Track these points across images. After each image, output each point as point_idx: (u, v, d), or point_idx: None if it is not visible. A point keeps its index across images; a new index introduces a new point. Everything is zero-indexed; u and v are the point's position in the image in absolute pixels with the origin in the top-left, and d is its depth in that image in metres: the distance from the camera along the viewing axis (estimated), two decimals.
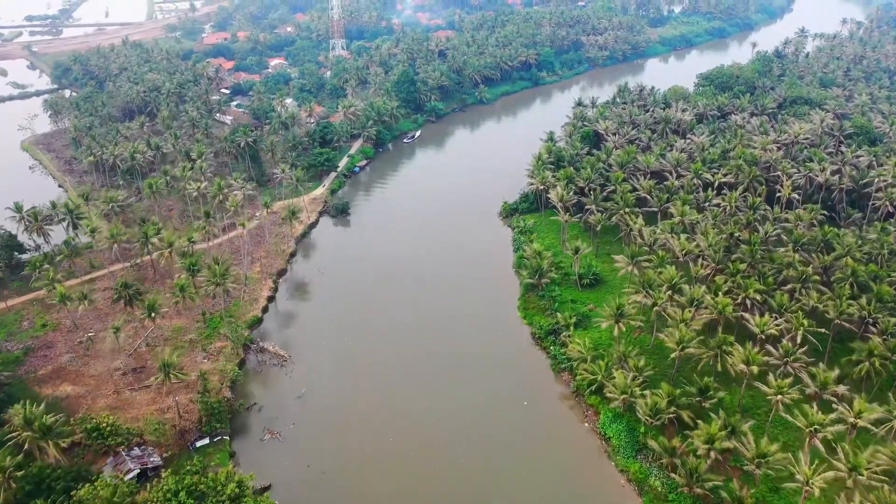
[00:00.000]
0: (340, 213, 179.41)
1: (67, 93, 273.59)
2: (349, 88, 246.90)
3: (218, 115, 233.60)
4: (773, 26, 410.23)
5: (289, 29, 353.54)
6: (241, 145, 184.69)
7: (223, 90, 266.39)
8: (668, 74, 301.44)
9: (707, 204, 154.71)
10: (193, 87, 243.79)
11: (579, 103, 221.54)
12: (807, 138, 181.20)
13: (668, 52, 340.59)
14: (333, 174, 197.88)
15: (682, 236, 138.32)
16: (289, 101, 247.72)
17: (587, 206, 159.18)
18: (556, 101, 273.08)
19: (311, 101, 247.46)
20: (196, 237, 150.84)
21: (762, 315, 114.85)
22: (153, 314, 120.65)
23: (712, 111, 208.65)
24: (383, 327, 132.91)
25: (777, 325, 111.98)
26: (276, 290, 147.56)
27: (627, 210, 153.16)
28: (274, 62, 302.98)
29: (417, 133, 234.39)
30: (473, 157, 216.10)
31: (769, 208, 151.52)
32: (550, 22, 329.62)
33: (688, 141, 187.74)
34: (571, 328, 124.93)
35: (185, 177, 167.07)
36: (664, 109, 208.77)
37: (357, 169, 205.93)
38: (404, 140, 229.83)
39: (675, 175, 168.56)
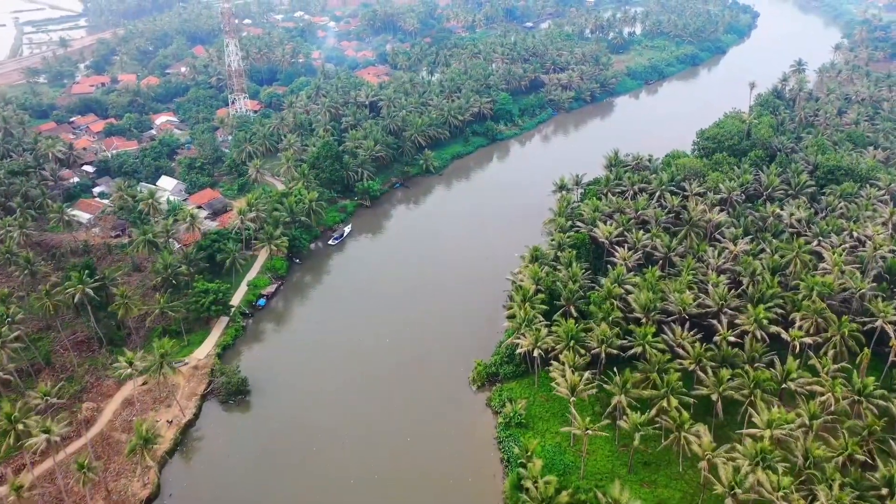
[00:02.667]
0: (235, 394, 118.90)
1: None
2: (252, 169, 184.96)
3: (72, 211, 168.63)
4: (742, 46, 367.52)
5: (183, 70, 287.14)
6: (76, 298, 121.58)
7: (85, 167, 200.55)
8: (645, 117, 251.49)
9: (791, 385, 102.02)
10: (36, 172, 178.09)
11: (561, 186, 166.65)
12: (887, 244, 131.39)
13: (639, 86, 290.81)
14: (226, 318, 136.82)
15: (783, 474, 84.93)
16: (169, 186, 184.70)
17: (612, 396, 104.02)
18: (522, 162, 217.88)
19: (205, 181, 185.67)
20: None
21: None
22: None
23: (737, 195, 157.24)
24: None
25: None
26: None
27: (676, 407, 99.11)
28: (160, 119, 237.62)
29: (347, 228, 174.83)
30: (423, 263, 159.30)
31: None
32: (503, 56, 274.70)
33: (722, 251, 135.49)
34: None
35: None
36: (678, 197, 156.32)
37: (262, 301, 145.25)
38: (329, 241, 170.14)
39: (724, 324, 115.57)
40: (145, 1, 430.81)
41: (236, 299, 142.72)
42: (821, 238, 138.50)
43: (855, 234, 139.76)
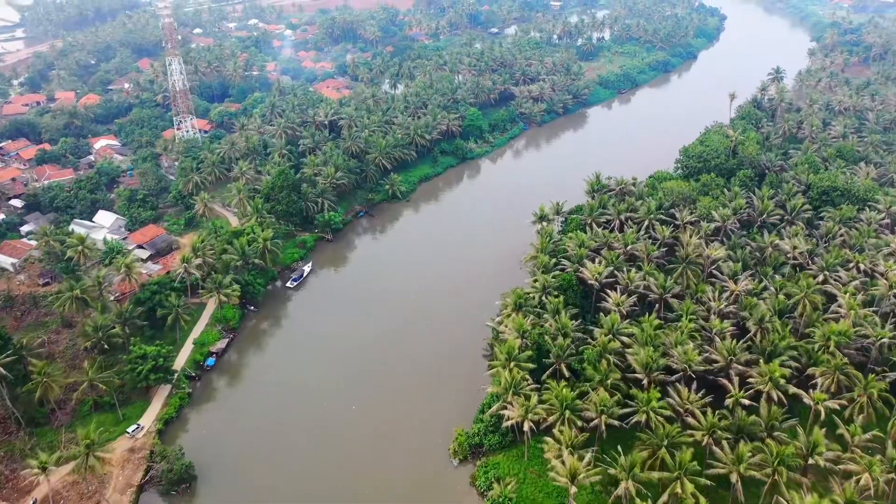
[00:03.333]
0: (178, 482, 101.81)
1: None
2: (200, 204, 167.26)
3: None
4: (713, 50, 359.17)
5: (126, 86, 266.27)
6: None
7: (13, 202, 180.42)
8: (621, 131, 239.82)
9: (820, 460, 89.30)
10: None
11: (541, 216, 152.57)
12: None
13: (612, 96, 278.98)
14: (169, 386, 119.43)
15: None
16: (107, 223, 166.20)
17: (617, 479, 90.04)
18: (495, 183, 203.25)
19: (147, 215, 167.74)
20: None
21: None
22: None
23: (732, 225, 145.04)
24: None
25: None
26: None
27: (693, 493, 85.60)
28: (99, 143, 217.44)
29: (307, 267, 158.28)
30: (392, 303, 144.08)
31: None
32: (470, 68, 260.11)
33: (722, 292, 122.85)
34: None
35: None
36: (668, 227, 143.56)
37: (211, 360, 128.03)
38: (288, 282, 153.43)
39: (735, 382, 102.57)
40: (88, 10, 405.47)
41: (181, 360, 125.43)
42: (827, 272, 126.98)
43: (862, 266, 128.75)
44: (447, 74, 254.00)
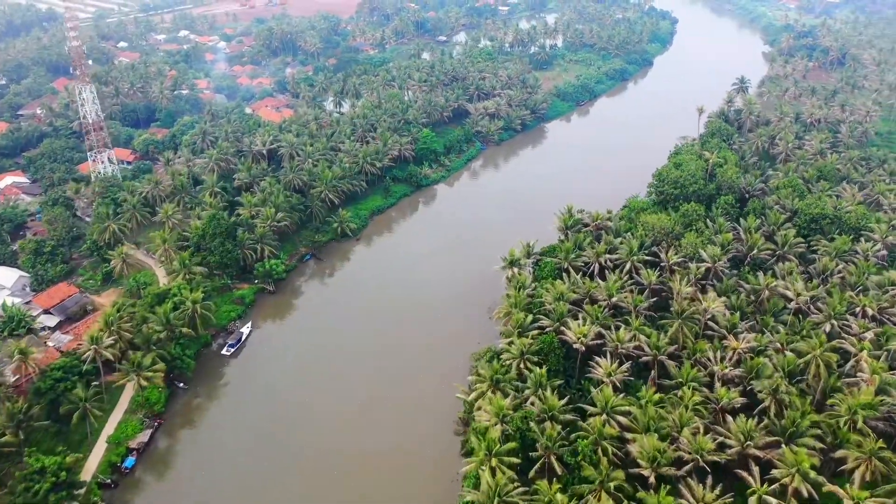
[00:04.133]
0: None
1: None
2: (117, 259, 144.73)
3: None
4: (667, 56, 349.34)
5: (38, 112, 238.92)
6: None
7: None
8: (584, 147, 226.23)
9: None
10: None
11: (511, 261, 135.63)
12: None
13: (570, 108, 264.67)
14: None
15: None
16: (8, 282, 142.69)
17: None
18: (453, 212, 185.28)
19: (57, 272, 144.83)
20: None
21: None
22: None
23: (723, 266, 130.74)
24: None
25: None
26: None
27: None
28: (4, 182, 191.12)
29: (246, 329, 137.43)
30: (344, 365, 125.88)
31: None
32: (420, 83, 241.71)
33: (723, 352, 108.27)
34: None
35: None
36: (653, 270, 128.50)
37: (130, 461, 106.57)
38: (224, 350, 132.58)
39: (756, 474, 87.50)
40: None
41: (92, 464, 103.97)
42: (834, 321, 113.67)
43: (870, 310, 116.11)
44: (396, 92, 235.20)
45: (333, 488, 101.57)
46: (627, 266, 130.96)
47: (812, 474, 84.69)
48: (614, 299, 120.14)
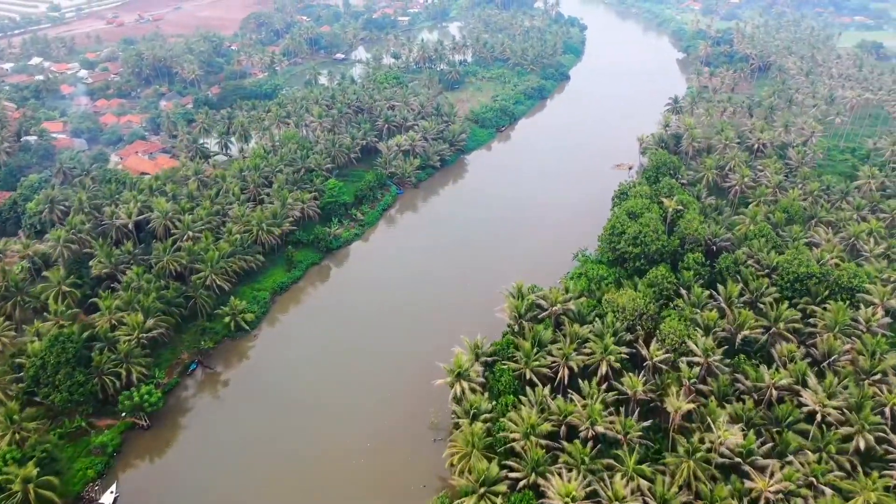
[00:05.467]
0: None
1: None
2: None
3: None
4: (582, 67, 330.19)
5: None
6: None
7: None
8: (511, 181, 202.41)
9: None
10: None
11: (458, 373, 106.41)
12: None
13: (491, 136, 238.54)
14: None
15: None
16: None
17: None
18: (372, 280, 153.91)
19: None
20: None
21: None
22: None
23: (716, 359, 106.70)
24: None
25: None
26: None
27: None
28: None
29: (110, 495, 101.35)
30: None
31: None
32: (321, 121, 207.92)
33: (746, 497, 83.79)
34: None
35: None
36: (635, 375, 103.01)
37: None
38: None
39: None
40: None
41: None
42: (867, 433, 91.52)
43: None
44: (293, 132, 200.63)
45: None
46: (603, 370, 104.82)
47: None
48: (599, 427, 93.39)
